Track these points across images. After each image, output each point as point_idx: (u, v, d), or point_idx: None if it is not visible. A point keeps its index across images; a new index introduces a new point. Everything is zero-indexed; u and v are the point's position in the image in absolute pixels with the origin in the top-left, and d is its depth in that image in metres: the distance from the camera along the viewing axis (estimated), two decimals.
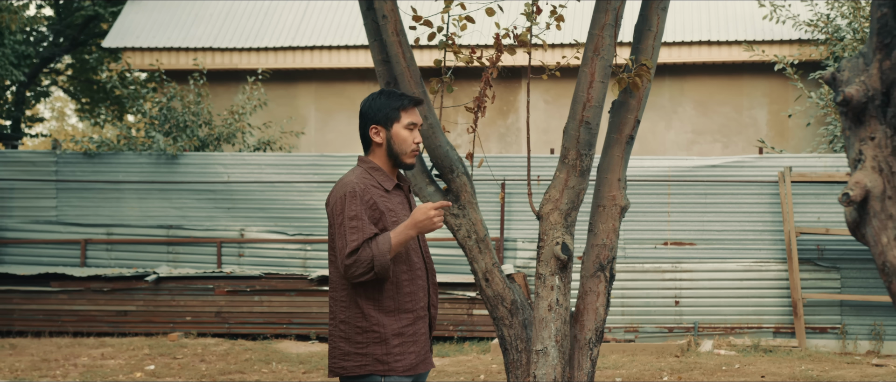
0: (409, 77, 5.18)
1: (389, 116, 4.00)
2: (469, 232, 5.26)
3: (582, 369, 5.01)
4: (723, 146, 14.54)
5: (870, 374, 9.14)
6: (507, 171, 11.44)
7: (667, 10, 5.23)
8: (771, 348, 10.59)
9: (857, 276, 10.97)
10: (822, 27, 13.56)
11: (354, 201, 3.82)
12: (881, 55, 2.20)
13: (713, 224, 11.29)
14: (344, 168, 11.81)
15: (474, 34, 13.42)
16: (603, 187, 5.17)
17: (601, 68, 4.90)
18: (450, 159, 5.22)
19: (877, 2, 2.22)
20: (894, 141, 2.19)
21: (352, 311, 3.88)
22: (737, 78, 14.61)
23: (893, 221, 2.20)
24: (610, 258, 5.10)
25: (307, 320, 11.13)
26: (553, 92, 14.58)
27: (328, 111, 15.23)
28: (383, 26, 5.16)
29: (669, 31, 14.25)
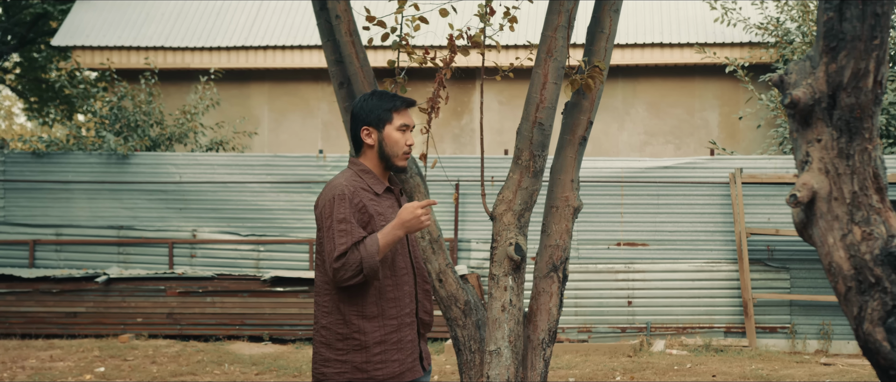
0: (362, 77, 5.17)
1: (381, 118, 3.91)
2: (422, 233, 5.26)
3: (535, 369, 5.03)
4: (675, 148, 14.67)
5: (818, 373, 9.26)
6: (461, 172, 11.45)
7: (619, 12, 5.26)
8: (722, 347, 10.70)
9: (806, 276, 11.11)
10: (772, 30, 13.73)
11: (343, 204, 3.75)
12: (827, 58, 2.23)
13: (665, 225, 11.38)
14: (298, 169, 11.76)
15: (428, 35, 13.42)
16: (556, 187, 5.19)
17: (554, 70, 4.92)
18: None
19: (823, 6, 2.25)
20: (840, 143, 2.22)
21: (333, 316, 3.82)
22: (689, 80, 14.74)
23: (839, 222, 2.22)
24: (563, 258, 5.12)
25: (260, 321, 11.06)
26: (507, 93, 14.62)
27: (282, 112, 15.15)
28: (336, 26, 5.15)
29: (622, 33, 14.34)
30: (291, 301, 11.01)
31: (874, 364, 2.11)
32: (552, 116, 4.98)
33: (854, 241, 2.17)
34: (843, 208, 2.20)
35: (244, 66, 14.78)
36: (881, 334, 2.07)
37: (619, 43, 14.18)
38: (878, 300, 2.09)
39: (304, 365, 9.49)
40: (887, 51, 2.23)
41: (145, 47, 14.73)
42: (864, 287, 2.13)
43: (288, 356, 10.04)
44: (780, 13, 13.90)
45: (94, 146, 12.71)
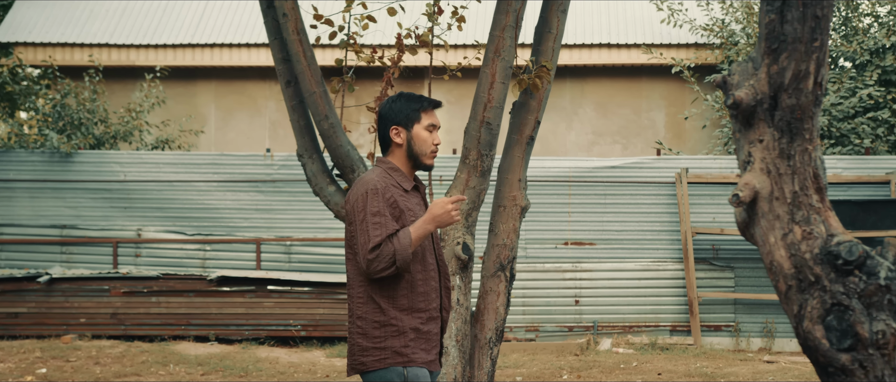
0: (309, 76, 5.15)
1: (410, 117, 4.00)
2: None
3: (482, 368, 5.04)
4: (622, 148, 14.78)
5: (761, 371, 9.38)
6: None
7: (567, 13, 5.29)
8: (668, 346, 10.80)
9: (750, 275, 11.25)
10: (717, 31, 13.89)
11: (376, 198, 3.83)
12: (769, 60, 2.25)
13: (613, 224, 11.46)
14: (245, 168, 11.67)
15: (376, 34, 13.38)
16: (504, 187, 5.20)
17: (502, 69, 4.94)
18: (351, 159, 5.20)
19: (765, 8, 2.28)
20: (781, 144, 2.25)
21: (369, 306, 3.88)
22: (636, 80, 14.87)
23: (781, 221, 2.25)
24: (510, 257, 5.14)
25: (206, 321, 10.96)
26: (456, 92, 14.64)
27: (229, 110, 15.03)
28: (284, 25, 5.12)
29: (570, 33, 14.42)
30: (238, 301, 10.93)
31: (813, 361, 2.14)
32: (500, 116, 5.00)
33: (794, 240, 2.20)
34: (784, 207, 2.23)
35: (190, 63, 14.64)
36: (820, 332, 2.10)
37: (566, 43, 14.25)
38: (818, 299, 2.11)
39: (250, 366, 9.43)
40: (827, 53, 2.26)
41: (89, 44, 14.54)
42: (804, 286, 2.16)
43: (234, 356, 9.96)
44: (725, 15, 14.06)
45: (36, 144, 12.51)
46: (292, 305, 10.92)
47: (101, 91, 13.30)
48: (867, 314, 2.06)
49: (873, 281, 2.07)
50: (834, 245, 2.13)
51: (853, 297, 2.07)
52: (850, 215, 10.56)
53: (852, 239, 2.12)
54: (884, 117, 12.85)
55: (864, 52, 13.29)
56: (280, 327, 10.92)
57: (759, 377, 9.02)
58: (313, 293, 10.90)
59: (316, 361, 9.86)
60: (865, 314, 2.05)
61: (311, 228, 11.54)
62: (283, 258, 11.54)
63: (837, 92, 13.01)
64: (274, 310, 10.91)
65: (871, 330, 2.04)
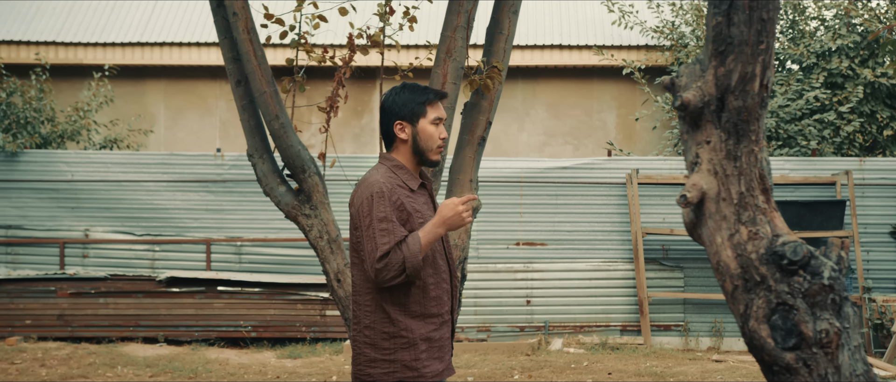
0: (260, 76, 5.11)
1: (415, 112, 3.79)
2: (321, 233, 5.23)
3: None
4: (574, 148, 14.86)
5: (710, 370, 9.48)
6: (361, 171, 11.41)
7: (518, 14, 5.30)
8: (618, 345, 10.87)
9: (700, 275, 11.37)
10: (667, 34, 14.02)
11: (383, 202, 3.63)
12: (716, 62, 2.27)
13: (564, 225, 11.51)
14: (195, 168, 11.57)
15: (328, 34, 13.34)
16: (455, 187, 5.21)
17: (453, 70, 4.94)
18: (301, 159, 5.17)
19: (712, 11, 2.30)
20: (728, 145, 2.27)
21: (377, 315, 3.71)
22: (587, 82, 14.96)
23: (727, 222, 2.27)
24: (462, 258, 5.14)
25: (155, 322, 10.85)
26: None
27: (178, 109, 14.89)
28: (234, 24, 5.08)
29: (522, 34, 14.47)
30: (188, 302, 10.83)
31: (759, 360, 2.17)
32: (451, 117, 5.00)
33: (741, 240, 2.22)
34: (731, 208, 2.25)
35: (139, 62, 14.49)
36: (766, 331, 2.12)
37: (518, 44, 14.30)
38: (763, 298, 2.14)
39: (199, 367, 9.35)
40: (773, 55, 2.29)
41: (36, 42, 14.34)
42: (750, 286, 2.18)
43: (184, 357, 9.87)
44: (675, 17, 14.20)
45: None
46: (243, 306, 10.86)
47: (47, 90, 13.12)
48: (811, 313, 2.08)
49: (817, 281, 2.10)
50: (779, 246, 2.16)
51: (798, 297, 2.10)
52: (797, 216, 10.71)
53: (797, 240, 2.15)
54: (830, 120, 13.04)
55: (810, 55, 13.48)
56: (230, 328, 10.84)
57: (708, 376, 9.11)
58: (264, 294, 10.84)
59: (266, 362, 9.81)
60: (809, 314, 2.08)
61: (262, 228, 11.47)
62: (234, 259, 11.46)
63: (785, 94, 13.18)
64: (224, 311, 10.83)
65: (814, 329, 2.06)
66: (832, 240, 2.19)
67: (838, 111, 13.13)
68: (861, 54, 13.40)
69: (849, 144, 13.22)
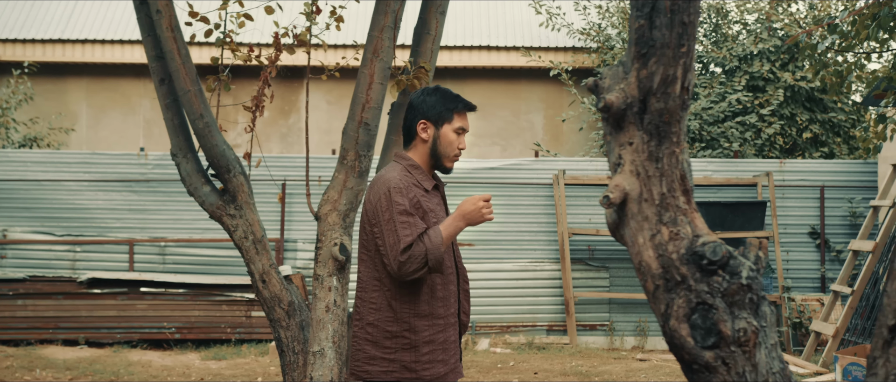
0: (184, 74, 5.05)
1: (442, 116, 3.84)
2: (246, 233, 5.18)
3: None
4: (501, 149, 14.93)
5: (634, 369, 9.59)
6: (288, 171, 11.33)
7: (445, 14, 5.31)
8: (544, 345, 10.95)
9: (625, 275, 11.50)
10: (594, 36, 14.16)
11: (401, 197, 3.67)
12: (638, 64, 2.30)
13: (491, 225, 11.56)
14: (118, 167, 11.38)
15: (254, 33, 13.22)
16: None
17: (380, 70, 4.92)
18: (226, 159, 5.12)
19: (635, 13, 2.32)
20: (650, 146, 2.29)
21: (383, 314, 3.73)
22: (515, 83, 15.04)
23: (649, 222, 2.30)
24: None
25: (76, 324, 10.65)
26: (336, 93, 14.56)
27: (101, 108, 14.63)
28: (157, 22, 5.01)
29: (451, 35, 14.50)
30: (110, 303, 10.65)
31: (679, 359, 2.20)
32: (378, 117, 4.99)
33: (662, 241, 2.25)
34: (653, 209, 2.28)
35: (61, 59, 14.21)
36: (686, 330, 2.15)
37: (447, 45, 14.32)
38: (684, 298, 2.17)
39: (121, 369, 9.19)
40: (694, 58, 2.32)
41: None
42: (670, 285, 2.21)
43: (105, 360, 9.70)
44: (601, 19, 14.34)
45: None
46: (166, 307, 10.70)
47: None
48: (730, 312, 2.12)
49: (736, 281, 2.13)
50: (699, 246, 2.19)
51: (717, 296, 2.13)
52: (720, 217, 10.89)
53: (716, 240, 2.19)
54: (751, 122, 13.29)
55: (733, 58, 13.72)
56: (153, 329, 10.68)
57: (632, 375, 9.22)
58: (188, 295, 10.70)
59: (190, 364, 9.68)
60: (728, 313, 2.11)
61: (186, 228, 11.33)
62: (158, 260, 11.29)
63: (708, 97, 13.40)
64: (147, 312, 10.67)
65: (733, 328, 2.10)
66: (750, 241, 2.24)
67: (759, 114, 13.39)
68: (781, 58, 13.68)
69: (770, 146, 13.49)
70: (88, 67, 14.52)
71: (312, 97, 14.52)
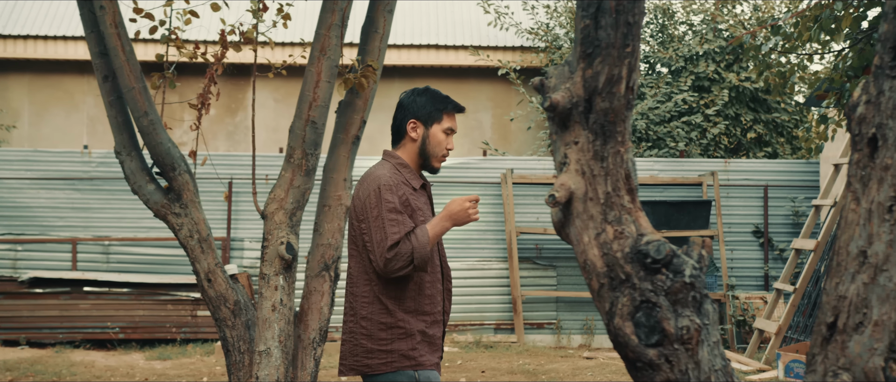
0: (128, 71, 4.98)
1: (432, 115, 3.91)
2: (191, 232, 5.13)
3: (305, 369, 4.99)
4: None
5: (581, 367, 9.65)
6: (235, 169, 11.24)
7: (393, 13, 5.30)
8: (492, 344, 10.97)
9: (572, 274, 11.56)
10: (542, 35, 14.22)
11: (391, 194, 3.71)
12: (584, 64, 2.31)
13: None
14: (61, 165, 11.21)
15: (200, 30, 13.11)
16: (329, 186, 5.17)
17: (328, 68, 4.90)
18: (171, 157, 5.06)
19: (580, 13, 2.34)
20: (595, 146, 2.31)
21: (375, 307, 3.76)
22: (464, 82, 15.06)
23: (594, 221, 2.31)
24: (335, 257, 5.11)
25: (16, 324, 10.48)
26: (283, 91, 14.47)
27: (43, 104, 14.40)
28: (101, 17, 4.94)
29: (399, 33, 14.47)
30: (52, 303, 10.49)
31: (623, 356, 2.21)
32: (325, 115, 4.96)
33: (607, 239, 2.26)
34: (598, 207, 2.29)
35: (1, 55, 13.96)
36: (630, 328, 2.16)
37: (396, 43, 14.30)
38: (628, 296, 2.18)
39: (64, 370, 9.06)
40: (639, 58, 2.34)
41: None
42: (615, 284, 2.23)
43: (47, 360, 9.55)
44: (549, 19, 14.41)
45: None
46: (110, 306, 10.57)
47: None
48: (673, 310, 2.14)
49: (679, 279, 2.15)
50: (643, 245, 2.21)
51: (661, 294, 2.15)
52: (666, 215, 10.99)
53: (661, 238, 2.21)
54: (697, 122, 13.43)
55: (679, 58, 13.85)
56: (97, 329, 10.55)
57: (579, 373, 9.27)
58: (133, 295, 10.58)
59: (134, 364, 9.57)
60: (672, 311, 2.13)
61: (131, 227, 11.19)
62: (101, 259, 11.15)
63: (654, 97, 13.52)
64: (90, 312, 10.53)
65: (676, 326, 2.12)
66: (694, 239, 2.26)
67: (705, 114, 13.53)
68: (726, 59, 13.84)
69: (715, 145, 13.64)
70: (30, 63, 14.28)
71: (260, 95, 14.42)
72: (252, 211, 11.20)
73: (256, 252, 11.21)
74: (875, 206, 1.98)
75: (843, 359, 1.98)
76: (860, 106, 2.02)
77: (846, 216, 2.01)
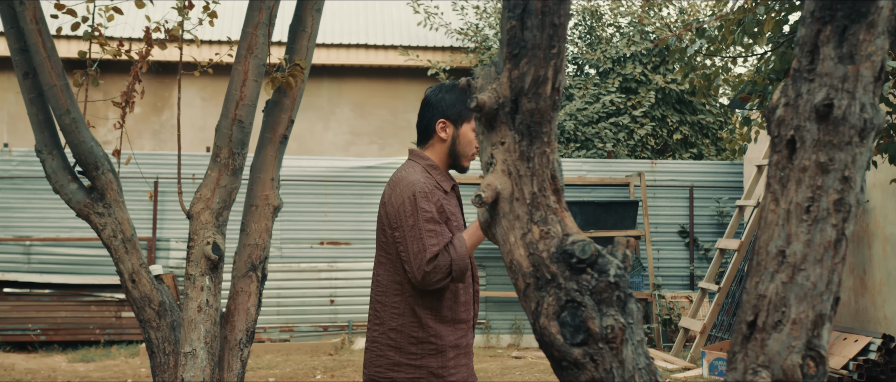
0: (49, 68, 4.89)
1: (462, 115, 3.69)
2: (115, 232, 5.04)
3: (232, 370, 4.94)
4: (379, 148, 14.91)
5: (510, 366, 9.70)
6: (161, 169, 11.09)
7: (321, 12, 5.27)
8: None
9: (501, 274, 11.61)
10: (472, 36, 14.26)
11: (427, 203, 3.51)
12: (510, 65, 2.32)
13: (369, 224, 11.54)
14: None
15: (125, 27, 12.90)
16: (256, 186, 5.12)
17: (255, 67, 4.86)
18: (94, 156, 4.98)
19: (506, 14, 2.35)
20: (522, 146, 2.32)
21: (406, 319, 3.58)
22: (394, 82, 15.03)
23: (520, 221, 2.32)
24: (262, 257, 5.06)
25: None
26: (210, 89, 14.31)
27: None
28: (21, 13, 4.84)
29: (328, 32, 14.41)
30: None
31: (549, 356, 2.22)
32: (252, 114, 4.92)
33: (533, 239, 2.27)
34: (524, 208, 2.31)
35: None
36: (555, 327, 2.18)
37: (325, 43, 14.23)
38: (554, 296, 2.20)
39: None
40: (564, 59, 2.35)
41: None
42: (541, 284, 2.24)
43: None
44: (479, 20, 14.46)
45: None
46: (31, 308, 10.35)
47: None
48: (598, 309, 2.15)
49: (604, 278, 2.17)
50: (569, 245, 2.23)
51: (585, 294, 2.17)
52: (594, 216, 11.10)
53: (586, 239, 2.22)
54: (624, 123, 13.58)
55: (607, 60, 14.00)
56: (17, 331, 10.32)
57: (507, 372, 9.32)
58: (55, 296, 10.38)
59: (56, 367, 9.39)
60: (596, 310, 2.15)
61: (53, 227, 10.97)
62: (22, 259, 10.91)
63: (583, 98, 13.64)
64: (10, 314, 10.30)
65: (601, 325, 2.14)
66: (618, 239, 2.28)
67: (632, 115, 13.69)
68: (653, 61, 14.02)
69: (642, 146, 13.81)
70: None
71: (187, 94, 14.25)
72: (178, 211, 11.06)
73: (183, 253, 11.07)
74: (793, 206, 2.02)
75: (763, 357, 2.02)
76: (779, 108, 2.06)
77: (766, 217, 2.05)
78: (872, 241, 8.92)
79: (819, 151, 1.98)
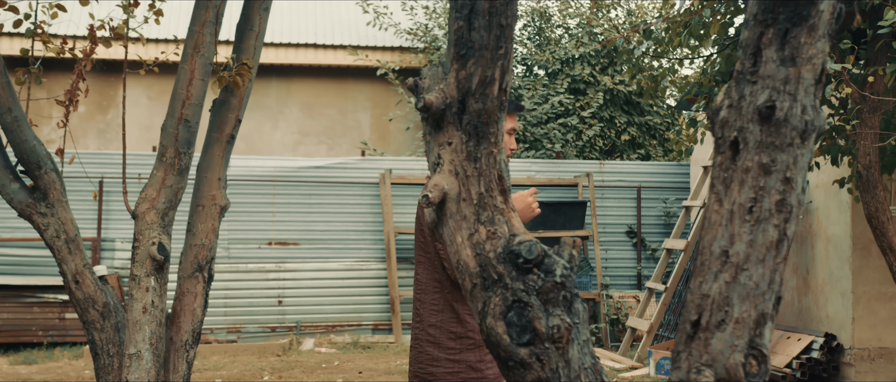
0: None
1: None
2: (58, 232, 4.97)
3: (177, 371, 4.89)
4: (328, 148, 14.85)
5: None
6: (106, 168, 10.95)
7: (269, 11, 5.24)
8: (370, 344, 10.95)
9: None
10: (421, 36, 14.26)
11: None
12: (458, 65, 2.32)
13: (317, 224, 11.49)
14: None
15: (69, 25, 12.73)
16: (202, 186, 5.08)
17: (201, 66, 4.81)
18: (37, 155, 4.90)
19: (454, 15, 2.35)
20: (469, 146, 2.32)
21: (445, 315, 3.67)
22: (342, 81, 14.99)
23: (467, 221, 2.32)
24: (209, 258, 5.02)
25: None
26: (157, 88, 14.16)
27: None
28: None
29: (277, 32, 14.32)
30: None
31: (496, 356, 2.23)
32: (199, 113, 4.87)
33: (480, 240, 2.28)
34: (471, 208, 2.31)
35: None
36: (502, 327, 2.18)
37: (273, 42, 14.15)
38: (500, 296, 2.20)
39: None
40: (511, 60, 2.36)
41: None
42: (488, 284, 2.24)
43: None
44: (428, 20, 14.46)
45: None
46: None
47: None
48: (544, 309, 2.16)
49: (550, 279, 2.18)
50: (515, 245, 2.23)
51: (532, 294, 2.18)
52: (543, 216, 11.15)
53: (532, 239, 2.23)
54: (573, 124, 13.66)
55: (555, 61, 14.07)
56: None
57: None
58: None
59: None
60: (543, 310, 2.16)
61: None
62: None
63: (532, 99, 13.70)
64: None
65: (547, 325, 2.14)
66: (565, 239, 2.29)
67: (581, 116, 13.78)
68: (601, 62, 14.12)
69: (590, 147, 13.90)
70: None
71: (133, 92, 14.08)
72: (124, 211, 10.94)
73: (128, 253, 10.94)
74: (736, 207, 2.04)
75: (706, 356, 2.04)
76: (723, 110, 2.08)
77: (710, 217, 2.07)
78: (815, 241, 9.06)
79: (761, 152, 2.00)
